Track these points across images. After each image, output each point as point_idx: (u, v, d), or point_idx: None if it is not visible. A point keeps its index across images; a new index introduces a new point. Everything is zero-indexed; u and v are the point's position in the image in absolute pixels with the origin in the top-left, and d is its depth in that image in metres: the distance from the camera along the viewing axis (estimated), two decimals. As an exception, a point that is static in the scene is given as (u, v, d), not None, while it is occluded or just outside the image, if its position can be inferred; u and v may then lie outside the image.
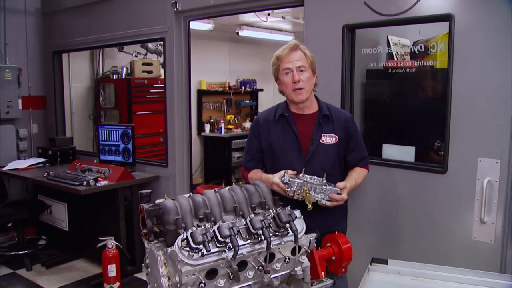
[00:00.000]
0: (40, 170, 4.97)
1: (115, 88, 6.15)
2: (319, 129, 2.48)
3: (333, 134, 2.47)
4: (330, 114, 2.50)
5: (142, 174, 4.86)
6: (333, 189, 2.32)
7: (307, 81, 2.42)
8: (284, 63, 2.42)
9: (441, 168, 2.92)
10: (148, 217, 1.95)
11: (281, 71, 2.45)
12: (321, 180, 2.31)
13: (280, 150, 2.50)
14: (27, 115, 5.86)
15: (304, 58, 2.42)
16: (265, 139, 2.56)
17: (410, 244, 3.11)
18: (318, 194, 2.29)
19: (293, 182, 2.25)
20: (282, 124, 2.53)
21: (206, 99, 8.20)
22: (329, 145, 2.47)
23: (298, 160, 2.46)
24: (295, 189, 2.25)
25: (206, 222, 1.90)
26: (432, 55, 3.22)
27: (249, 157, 2.65)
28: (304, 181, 2.26)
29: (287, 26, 7.49)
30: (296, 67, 2.40)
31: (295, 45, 2.45)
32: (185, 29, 4.57)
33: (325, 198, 2.31)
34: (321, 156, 2.45)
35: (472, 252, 2.81)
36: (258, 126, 2.59)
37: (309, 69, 2.43)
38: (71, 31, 5.61)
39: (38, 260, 4.89)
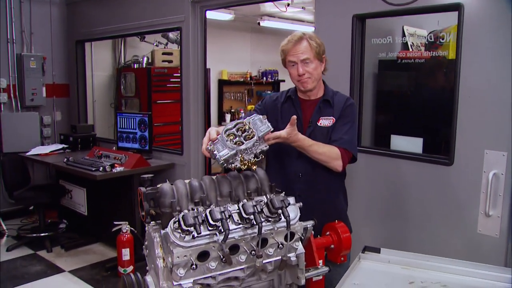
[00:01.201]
0: (61, 156, 5.13)
1: (135, 77, 6.26)
2: (318, 112, 2.49)
3: (332, 116, 2.47)
4: (332, 99, 2.50)
5: (158, 161, 4.96)
6: (264, 132, 2.03)
7: (313, 71, 2.42)
8: (289, 55, 2.42)
9: (448, 160, 2.89)
10: (145, 200, 2.00)
11: (287, 63, 2.47)
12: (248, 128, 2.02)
13: None
14: (51, 102, 6.05)
15: (309, 48, 2.39)
16: (272, 118, 2.57)
17: (414, 235, 3.10)
18: (255, 150, 2.04)
19: (226, 160, 1.96)
20: (289, 107, 2.55)
21: (227, 89, 8.25)
22: (326, 127, 2.46)
23: None
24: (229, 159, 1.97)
25: (202, 206, 1.94)
26: (445, 45, 3.17)
27: None
28: (236, 150, 1.96)
29: (308, 16, 7.44)
30: (301, 60, 2.39)
31: (299, 38, 2.41)
32: (201, 19, 4.61)
33: (262, 144, 2.05)
34: (317, 138, 2.43)
35: (476, 245, 2.78)
36: (265, 105, 2.62)
37: (315, 60, 2.41)
38: (94, 21, 5.74)
39: (58, 243, 5.07)
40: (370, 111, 3.54)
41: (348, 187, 2.64)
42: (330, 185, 2.53)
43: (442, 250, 2.89)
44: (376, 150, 3.32)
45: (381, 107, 3.56)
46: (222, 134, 2.01)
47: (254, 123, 2.05)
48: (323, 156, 2.35)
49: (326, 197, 2.53)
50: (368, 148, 3.39)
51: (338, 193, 2.60)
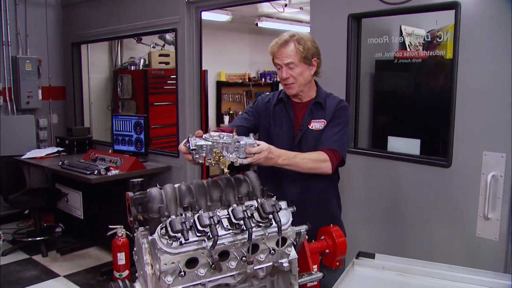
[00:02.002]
0: (56, 159, 5.08)
1: (132, 79, 6.21)
2: (310, 115, 2.42)
3: (323, 119, 2.40)
4: (324, 101, 2.43)
5: (155, 164, 4.90)
6: (248, 142, 1.98)
7: (298, 76, 2.34)
8: (275, 58, 2.37)
9: (446, 161, 2.83)
10: (133, 205, 1.96)
11: (274, 64, 2.41)
12: (232, 136, 1.97)
13: (276, 135, 2.48)
14: (47, 105, 6.01)
15: (295, 52, 2.31)
16: (264, 121, 2.52)
17: (412, 239, 3.04)
18: (232, 153, 1.96)
19: (200, 146, 1.88)
20: (281, 110, 2.49)
21: (225, 90, 8.20)
22: (317, 130, 2.39)
23: (290, 146, 2.41)
24: (205, 154, 1.89)
25: (191, 211, 1.89)
26: (443, 45, 3.12)
27: (240, 123, 2.52)
28: (213, 142, 1.90)
29: (306, 17, 7.37)
30: (285, 64, 2.32)
31: (285, 41, 2.33)
32: (197, 20, 4.57)
33: (241, 156, 1.97)
34: (309, 141, 2.38)
35: (475, 249, 2.72)
36: (257, 108, 2.55)
37: (300, 63, 2.33)
38: (89, 23, 5.70)
39: (54, 247, 5.02)
40: (367, 112, 3.49)
41: (343, 190, 2.59)
42: (322, 189, 2.46)
43: (439, 254, 2.83)
44: (373, 152, 3.26)
45: (378, 108, 3.50)
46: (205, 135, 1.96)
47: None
48: (311, 163, 2.25)
49: (318, 201, 2.46)
50: (365, 150, 3.33)
51: (331, 197, 2.53)
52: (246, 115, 2.54)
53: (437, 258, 2.85)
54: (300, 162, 2.22)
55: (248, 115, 2.54)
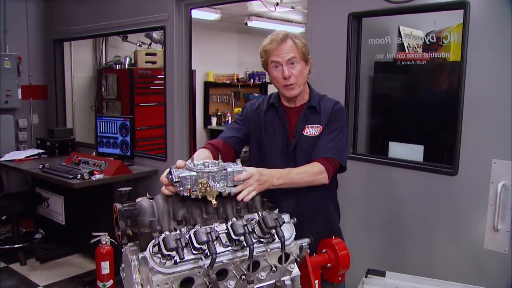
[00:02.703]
0: (37, 162, 4.84)
1: (117, 78, 5.98)
2: (303, 121, 2.25)
3: (318, 124, 2.23)
4: (318, 104, 2.26)
5: (141, 168, 4.70)
6: (235, 169, 1.81)
7: (299, 74, 2.18)
8: (272, 55, 2.16)
9: (452, 169, 2.69)
10: (121, 218, 1.79)
11: (269, 65, 2.21)
12: (218, 163, 1.80)
13: (269, 144, 2.31)
14: (27, 105, 5.73)
15: (295, 48, 2.15)
16: (255, 130, 2.35)
17: (415, 251, 2.90)
18: (219, 182, 1.78)
19: (184, 177, 1.73)
20: (272, 116, 2.32)
21: (213, 91, 8.04)
22: (313, 136, 2.23)
23: (284, 155, 2.27)
24: (190, 185, 1.74)
25: (185, 225, 1.73)
26: (446, 47, 3.00)
27: (230, 133, 2.34)
28: (197, 172, 1.74)
29: (297, 17, 7.26)
30: (286, 60, 2.14)
31: (284, 36, 2.16)
32: (187, 18, 4.39)
33: (229, 184, 1.80)
34: (304, 149, 2.22)
35: (483, 262, 2.59)
36: (246, 115, 2.37)
37: (301, 61, 2.18)
38: (73, 19, 5.45)
39: (33, 255, 4.77)
40: (366, 116, 3.34)
41: (341, 199, 2.43)
42: (319, 199, 2.31)
43: (445, 268, 2.69)
44: (372, 158, 3.11)
45: (377, 112, 3.36)
46: (188, 164, 1.80)
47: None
48: (307, 177, 2.09)
49: (315, 211, 2.32)
50: (364, 155, 3.18)
51: (328, 206, 2.38)
52: (235, 124, 2.36)
53: (442, 272, 2.73)
54: (295, 178, 2.06)
55: (238, 124, 2.36)
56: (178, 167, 1.80)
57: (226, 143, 2.26)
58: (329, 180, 2.16)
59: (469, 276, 2.59)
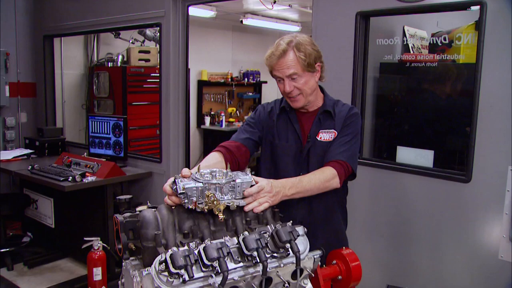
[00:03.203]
0: (25, 163, 4.65)
1: (109, 76, 5.79)
2: (317, 126, 2.15)
3: (333, 129, 2.13)
4: (333, 109, 2.16)
5: (134, 169, 4.53)
6: (245, 180, 1.69)
7: (304, 86, 2.06)
8: (274, 71, 2.07)
9: (465, 176, 2.59)
10: (123, 230, 1.65)
11: (274, 76, 2.12)
12: (226, 172, 1.68)
13: (282, 149, 2.20)
14: (15, 103, 5.52)
15: (296, 62, 2.01)
16: (267, 134, 2.23)
17: (425, 262, 2.79)
18: (227, 194, 1.66)
19: (190, 189, 1.60)
20: (285, 120, 2.21)
21: (206, 90, 7.88)
22: (327, 142, 2.12)
23: (297, 161, 2.17)
24: (195, 198, 1.61)
25: (192, 238, 1.60)
26: (455, 48, 2.89)
27: (245, 135, 2.21)
28: (204, 183, 1.62)
29: (294, 15, 7.14)
30: (287, 76, 2.03)
31: (283, 51, 2.02)
32: (184, 15, 4.23)
33: (238, 197, 1.67)
34: (318, 154, 2.12)
35: (497, 273, 2.49)
36: (259, 119, 2.26)
37: (304, 73, 2.04)
38: (64, 14, 5.25)
39: (21, 259, 4.57)
40: (371, 119, 3.22)
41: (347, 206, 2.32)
42: (328, 206, 2.22)
43: (456, 279, 2.60)
44: (380, 163, 2.99)
45: (384, 115, 3.24)
46: (194, 173, 1.67)
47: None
48: (319, 183, 1.98)
49: (324, 220, 2.22)
50: (370, 160, 3.06)
51: (336, 213, 2.28)
52: (248, 127, 2.24)
53: (453, 284, 2.62)
54: (307, 185, 1.94)
55: (251, 126, 2.23)
56: (184, 176, 1.68)
57: (242, 144, 2.15)
58: (340, 184, 2.06)
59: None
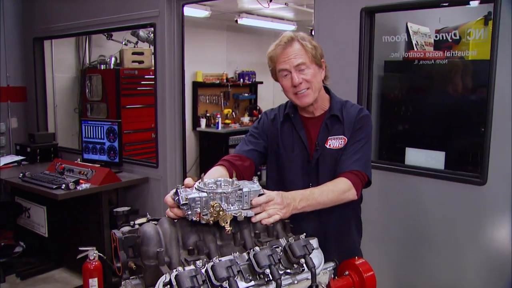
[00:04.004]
0: (16, 170, 4.50)
1: (102, 79, 5.63)
2: (325, 132, 2.00)
3: (342, 135, 1.98)
4: (341, 112, 2.00)
5: (130, 175, 4.38)
6: (252, 189, 1.57)
7: (312, 78, 1.91)
8: (279, 63, 1.91)
9: (479, 178, 2.47)
10: (122, 248, 1.52)
11: (278, 74, 1.95)
12: (232, 181, 1.57)
13: (288, 160, 2.05)
14: (5, 108, 5.34)
15: (303, 51, 1.89)
16: (273, 143, 2.09)
17: (438, 268, 2.67)
18: (233, 204, 1.54)
19: (193, 199, 1.48)
20: (290, 127, 2.06)
21: (202, 91, 7.74)
22: (337, 149, 1.97)
23: (306, 171, 2.02)
24: (200, 209, 1.49)
25: (197, 255, 1.47)
26: (464, 44, 2.77)
27: (249, 147, 2.06)
28: (208, 193, 1.50)
29: (290, 14, 7.01)
30: (294, 66, 1.89)
31: (289, 39, 1.90)
32: (179, 15, 4.09)
33: (245, 207, 1.56)
34: (328, 164, 1.97)
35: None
36: (263, 128, 2.10)
37: (312, 64, 1.91)
38: (54, 16, 5.09)
39: (13, 270, 4.41)
40: (377, 119, 3.10)
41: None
42: (342, 218, 2.08)
43: (473, 287, 2.47)
44: (388, 166, 2.87)
45: (391, 115, 3.12)
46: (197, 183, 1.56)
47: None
48: (332, 194, 1.85)
49: (338, 232, 2.08)
50: (377, 163, 2.93)
51: (351, 224, 2.15)
52: (252, 137, 2.08)
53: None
54: (319, 198, 1.81)
55: (254, 137, 2.08)
56: (186, 187, 1.56)
57: (246, 157, 2.00)
58: (358, 196, 1.92)
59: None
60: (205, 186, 1.55)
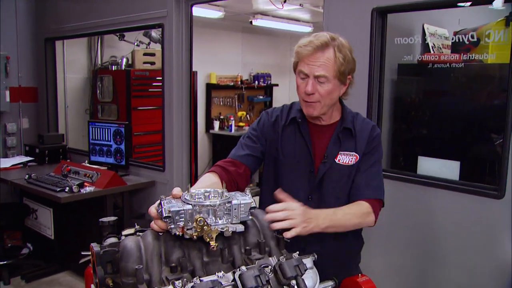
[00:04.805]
0: (24, 171, 4.45)
1: (113, 80, 5.58)
2: (336, 145, 1.85)
3: (354, 152, 1.84)
4: (353, 126, 1.86)
5: (137, 178, 4.31)
6: (242, 202, 1.42)
7: (326, 95, 1.76)
8: (302, 63, 1.76)
9: (497, 191, 2.29)
10: (100, 263, 1.41)
11: (297, 71, 1.80)
12: (222, 192, 1.45)
13: (288, 167, 1.90)
14: (16, 108, 5.32)
15: (331, 63, 1.72)
16: (271, 148, 1.95)
17: (453, 286, 2.49)
18: (222, 218, 1.41)
19: (177, 212, 1.35)
20: (294, 132, 1.90)
21: (215, 94, 7.66)
22: (347, 166, 1.83)
23: (307, 181, 1.87)
24: (184, 222, 1.36)
25: (180, 272, 1.34)
26: (483, 46, 2.60)
27: (244, 151, 1.92)
28: (194, 205, 1.38)
29: (305, 15, 6.86)
30: (314, 76, 1.73)
31: (324, 43, 1.71)
32: (187, 15, 4.00)
33: (234, 221, 1.42)
34: (335, 180, 1.83)
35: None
36: (262, 130, 1.95)
37: (334, 80, 1.74)
38: (66, 16, 5.06)
39: (19, 272, 4.37)
40: (390, 127, 2.95)
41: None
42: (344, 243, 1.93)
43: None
44: (399, 175, 2.71)
45: (405, 122, 2.96)
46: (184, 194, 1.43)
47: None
48: (354, 218, 1.75)
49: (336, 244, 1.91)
50: (388, 172, 2.77)
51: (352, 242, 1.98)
52: (249, 140, 1.93)
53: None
54: (342, 219, 1.70)
55: (252, 140, 1.93)
56: (174, 197, 1.44)
57: (241, 163, 1.86)
58: (375, 222, 1.82)
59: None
60: (191, 197, 1.44)
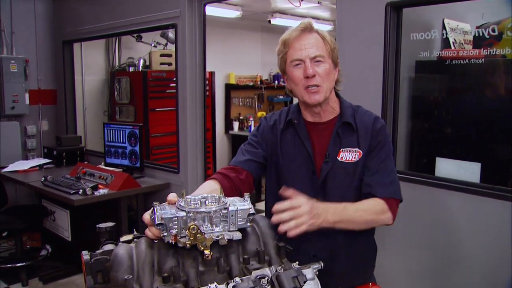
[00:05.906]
0: (42, 173, 4.49)
1: (130, 81, 5.58)
2: (337, 142, 1.75)
3: (357, 148, 1.73)
4: (354, 120, 1.76)
5: (151, 180, 4.28)
6: (240, 208, 1.34)
7: (326, 75, 1.68)
8: (293, 50, 1.68)
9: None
10: (89, 272, 1.36)
11: (288, 63, 1.71)
12: (219, 198, 1.37)
13: (289, 170, 1.81)
14: (36, 110, 5.40)
15: (322, 43, 1.68)
16: (272, 153, 1.86)
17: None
18: (218, 225, 1.33)
19: (170, 219, 1.28)
20: (292, 135, 1.82)
21: (235, 94, 7.60)
22: (350, 163, 1.73)
23: (310, 183, 1.77)
24: (177, 230, 1.29)
25: (173, 283, 1.28)
26: (506, 41, 2.46)
27: (246, 157, 1.84)
28: (188, 212, 1.30)
29: (325, 13, 6.74)
30: (311, 58, 1.65)
31: (308, 25, 1.69)
32: (200, 14, 3.95)
33: (232, 228, 1.33)
34: (339, 179, 1.73)
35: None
36: (262, 136, 1.87)
37: (328, 59, 1.69)
38: (82, 19, 5.08)
39: (37, 273, 4.39)
40: (407, 126, 2.82)
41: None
42: (357, 246, 1.81)
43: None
44: (415, 178, 2.58)
45: (422, 121, 2.83)
46: (179, 200, 1.37)
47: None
48: (367, 215, 1.64)
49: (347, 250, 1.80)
50: (404, 173, 2.65)
51: (366, 250, 1.88)
52: (250, 146, 1.86)
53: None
54: (354, 215, 1.61)
55: (253, 146, 1.85)
56: (170, 203, 1.38)
57: (242, 168, 1.78)
58: (393, 221, 1.70)
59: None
60: (186, 204, 1.36)
